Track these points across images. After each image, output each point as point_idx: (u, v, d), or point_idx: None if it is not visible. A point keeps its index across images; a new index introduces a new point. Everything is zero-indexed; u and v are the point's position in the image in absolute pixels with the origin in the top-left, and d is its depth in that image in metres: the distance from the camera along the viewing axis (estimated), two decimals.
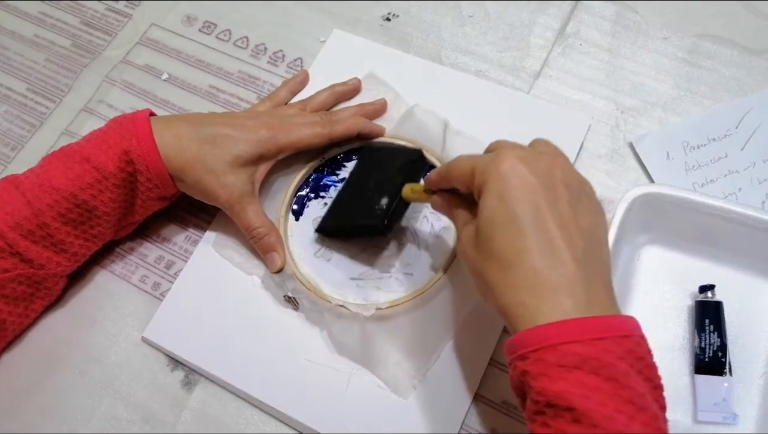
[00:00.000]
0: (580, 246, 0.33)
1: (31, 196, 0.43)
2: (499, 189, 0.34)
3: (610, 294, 0.34)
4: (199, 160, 0.45)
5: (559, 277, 0.32)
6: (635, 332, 0.33)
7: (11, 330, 0.47)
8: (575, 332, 0.31)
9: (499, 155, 0.35)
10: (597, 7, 0.58)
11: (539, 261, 0.33)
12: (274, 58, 0.59)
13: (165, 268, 0.50)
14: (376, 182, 0.45)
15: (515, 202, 0.34)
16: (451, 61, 0.57)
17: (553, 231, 0.33)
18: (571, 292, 0.32)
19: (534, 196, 0.34)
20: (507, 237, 0.34)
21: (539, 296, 0.32)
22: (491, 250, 0.35)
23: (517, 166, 0.35)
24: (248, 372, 0.45)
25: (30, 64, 0.60)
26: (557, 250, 0.33)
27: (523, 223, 0.33)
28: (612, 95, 0.54)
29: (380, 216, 0.44)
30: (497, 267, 0.34)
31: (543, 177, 0.35)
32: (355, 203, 0.47)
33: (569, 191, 0.35)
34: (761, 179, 0.50)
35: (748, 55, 0.55)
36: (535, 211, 0.34)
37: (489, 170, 0.35)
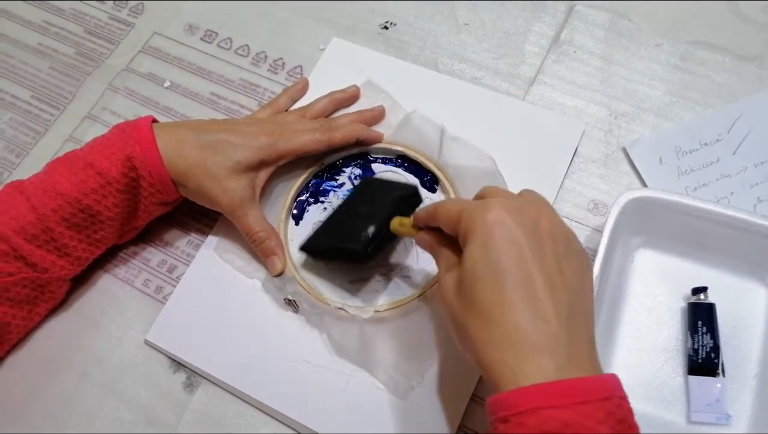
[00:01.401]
0: (564, 302, 0.33)
1: (36, 200, 0.44)
2: (485, 239, 0.34)
3: (593, 351, 0.33)
4: (201, 166, 0.46)
5: (541, 336, 0.32)
6: (616, 392, 0.32)
7: (15, 334, 0.47)
8: (557, 396, 0.30)
9: (486, 204, 0.35)
10: (591, 14, 0.59)
11: (522, 319, 0.32)
12: (274, 66, 0.60)
13: (167, 272, 0.51)
14: (367, 211, 0.45)
15: (500, 253, 0.33)
16: (448, 69, 0.58)
17: (538, 285, 0.33)
18: (553, 352, 0.31)
19: (519, 248, 0.33)
20: (490, 290, 0.33)
21: (521, 355, 0.31)
22: (473, 302, 0.34)
23: (504, 216, 0.34)
24: (249, 374, 0.46)
25: (34, 72, 0.61)
26: (541, 306, 0.32)
27: (507, 276, 0.33)
28: (605, 101, 0.55)
29: (364, 242, 0.43)
30: (479, 321, 0.33)
31: (529, 228, 0.34)
32: (342, 228, 0.47)
33: (555, 244, 0.34)
34: (753, 183, 0.50)
35: (739, 61, 0.56)
36: (520, 263, 0.33)
37: (475, 218, 0.35)
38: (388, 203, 0.45)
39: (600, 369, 0.33)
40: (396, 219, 0.44)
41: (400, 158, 0.53)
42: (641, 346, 0.46)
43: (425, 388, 0.44)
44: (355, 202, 0.49)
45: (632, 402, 0.43)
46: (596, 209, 0.51)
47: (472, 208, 0.35)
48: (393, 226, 0.44)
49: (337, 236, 0.47)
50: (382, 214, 0.44)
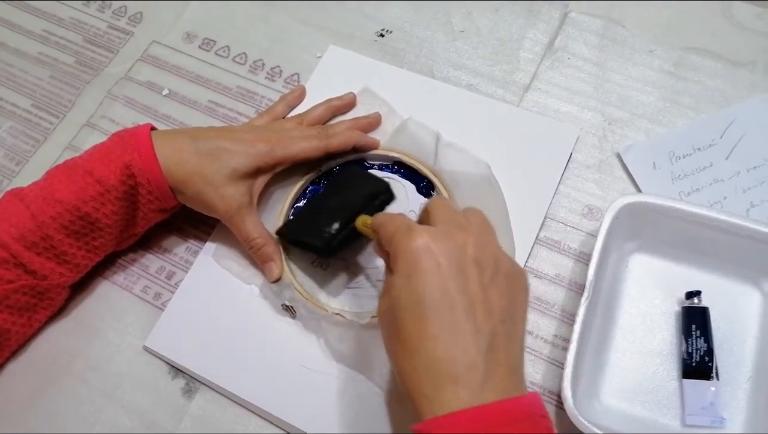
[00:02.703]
0: (485, 332, 0.33)
1: (35, 208, 0.45)
2: (408, 269, 0.34)
3: (513, 375, 0.34)
4: (199, 173, 0.46)
5: (458, 367, 0.32)
6: (534, 412, 0.32)
7: (15, 340, 0.47)
8: (470, 423, 0.31)
9: (412, 231, 0.35)
10: (584, 21, 0.60)
11: (440, 350, 0.32)
12: (271, 74, 0.60)
13: (166, 279, 0.52)
14: (337, 205, 0.46)
15: (423, 284, 0.33)
16: (443, 76, 0.58)
17: (459, 316, 0.33)
18: (468, 381, 0.32)
19: (442, 278, 0.33)
20: (412, 321, 0.33)
21: (438, 385, 0.32)
22: (397, 332, 0.34)
23: (429, 245, 0.34)
24: (247, 380, 0.46)
25: (34, 80, 0.62)
26: (460, 337, 0.33)
27: (428, 309, 0.33)
28: (600, 107, 0.56)
29: (327, 239, 0.44)
30: (402, 349, 0.34)
31: (454, 257, 0.34)
32: (312, 219, 0.47)
33: (481, 270, 0.34)
34: (745, 188, 0.51)
35: (731, 67, 0.56)
36: (442, 295, 0.33)
37: (401, 245, 0.35)
38: (358, 199, 0.45)
39: (522, 391, 0.34)
40: (360, 218, 0.43)
41: (396, 164, 0.54)
42: (636, 350, 0.46)
43: None
44: (330, 193, 0.49)
45: (627, 406, 0.44)
46: (591, 214, 0.52)
47: (401, 232, 0.35)
48: (357, 225, 0.44)
49: (305, 228, 0.47)
50: (349, 211, 0.44)
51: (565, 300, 0.49)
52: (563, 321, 0.48)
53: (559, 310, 0.48)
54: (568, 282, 0.49)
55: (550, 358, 0.47)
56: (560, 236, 0.51)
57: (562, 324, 0.48)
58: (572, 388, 0.41)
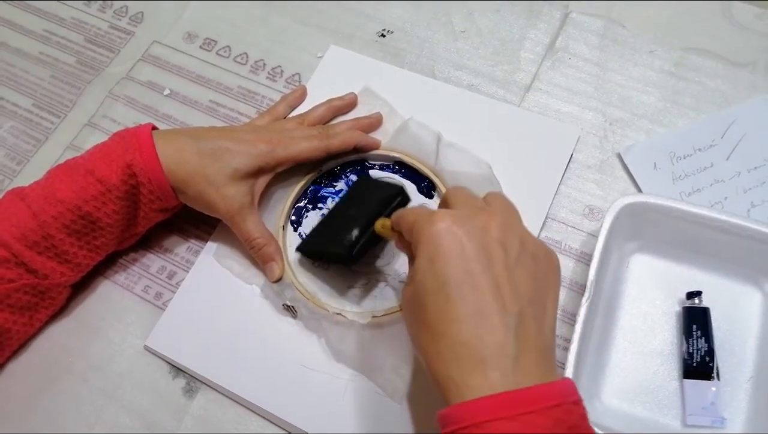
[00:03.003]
0: (512, 312, 0.32)
1: (37, 207, 0.45)
2: (431, 252, 0.33)
3: (544, 359, 0.33)
4: (200, 173, 0.47)
5: (486, 350, 0.31)
6: (567, 398, 0.31)
7: (16, 339, 0.47)
8: (501, 408, 0.30)
9: (434, 215, 0.34)
10: (585, 21, 0.60)
11: (467, 332, 0.32)
12: (272, 74, 0.60)
13: (167, 278, 0.52)
14: (354, 213, 0.46)
15: (446, 266, 0.33)
16: (444, 76, 0.58)
17: (485, 297, 0.32)
18: (498, 364, 0.31)
19: (465, 259, 0.33)
20: (437, 304, 0.33)
21: (466, 370, 0.31)
22: (423, 316, 0.34)
23: (451, 228, 0.34)
24: (248, 379, 0.46)
25: (35, 80, 0.62)
26: (487, 319, 0.32)
27: (452, 290, 0.32)
28: (600, 107, 0.56)
29: (348, 247, 0.44)
30: (428, 335, 0.33)
31: (477, 238, 0.33)
32: (330, 231, 0.47)
33: (506, 251, 0.34)
34: (746, 188, 0.51)
35: (732, 67, 0.56)
36: (466, 276, 0.33)
37: (423, 230, 0.34)
38: (374, 204, 0.45)
39: (553, 375, 0.33)
40: (379, 222, 0.44)
41: (397, 164, 0.54)
42: (637, 350, 0.46)
43: (423, 392, 0.45)
44: (346, 204, 0.49)
45: (628, 406, 0.44)
46: (592, 214, 0.52)
47: (423, 219, 0.35)
48: (376, 228, 0.44)
49: (325, 239, 0.48)
50: (367, 217, 0.45)
51: (566, 300, 0.49)
52: (564, 321, 0.48)
53: (560, 310, 0.48)
54: (569, 282, 0.49)
55: None
56: (561, 236, 0.51)
57: (563, 325, 0.48)
58: None
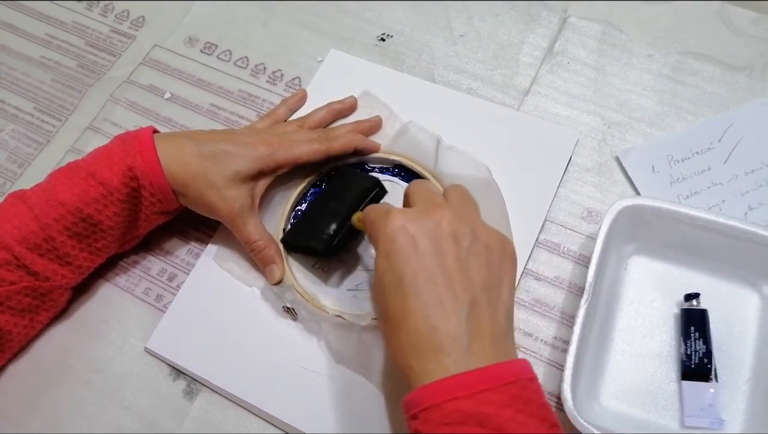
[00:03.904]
0: (464, 301, 0.34)
1: (38, 210, 0.45)
2: (387, 250, 0.36)
3: (499, 342, 0.35)
4: (201, 176, 0.47)
5: (440, 337, 0.33)
6: (522, 376, 0.33)
7: (17, 341, 0.48)
8: (456, 388, 0.32)
9: (388, 215, 0.37)
10: (584, 26, 0.60)
11: (422, 323, 0.34)
12: (273, 78, 0.61)
13: (167, 281, 0.52)
14: (333, 207, 0.47)
15: (400, 263, 0.35)
16: (444, 79, 0.59)
17: (437, 290, 0.34)
18: (452, 350, 0.33)
19: (418, 256, 0.35)
20: (395, 299, 0.35)
21: (423, 357, 0.34)
22: (384, 311, 0.36)
23: (404, 226, 0.36)
24: (248, 381, 0.46)
25: (37, 84, 0.62)
26: (440, 310, 0.34)
27: (407, 286, 0.35)
28: (599, 111, 0.56)
29: (326, 240, 0.45)
30: (389, 327, 0.36)
31: (429, 234, 0.36)
32: (311, 225, 0.48)
33: (457, 244, 0.36)
34: (744, 191, 0.51)
35: (729, 71, 0.57)
36: (420, 271, 0.35)
37: (379, 230, 0.37)
38: (351, 198, 0.47)
39: (509, 355, 0.35)
40: (356, 215, 0.45)
41: (396, 167, 0.54)
42: (635, 352, 0.46)
43: None
44: (326, 197, 0.50)
45: (626, 407, 0.44)
46: (590, 217, 0.52)
47: (380, 219, 0.37)
48: (353, 222, 0.45)
49: (305, 234, 0.49)
50: (344, 211, 0.46)
51: (565, 302, 0.49)
52: (563, 323, 0.48)
53: (559, 312, 0.48)
54: (568, 284, 0.49)
55: (550, 360, 0.47)
56: (560, 239, 0.51)
57: (562, 327, 0.48)
58: (572, 390, 0.41)
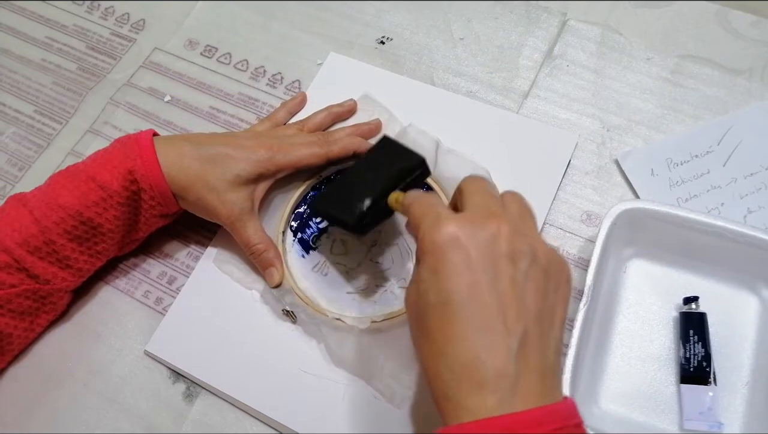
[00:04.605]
0: (516, 333, 0.31)
1: (38, 213, 0.45)
2: (435, 263, 0.32)
3: (546, 380, 0.32)
4: (201, 179, 0.47)
5: (485, 371, 0.30)
6: (568, 421, 0.30)
7: (17, 344, 0.48)
8: (497, 432, 0.29)
9: (439, 220, 0.32)
10: (583, 29, 0.60)
11: (467, 352, 0.31)
12: (272, 81, 0.61)
13: (167, 284, 0.52)
14: (371, 178, 0.44)
15: (449, 281, 0.31)
16: (443, 82, 0.59)
17: (488, 316, 0.31)
18: (497, 387, 0.30)
19: (471, 273, 0.31)
20: (439, 320, 0.32)
21: (464, 390, 0.30)
22: (424, 328, 0.33)
23: (457, 237, 0.32)
24: (248, 384, 0.46)
25: (37, 87, 0.62)
26: (488, 339, 0.31)
27: (455, 308, 0.31)
28: (598, 114, 0.56)
29: (357, 217, 0.42)
30: (428, 349, 0.32)
31: (485, 249, 0.32)
32: (345, 193, 0.45)
33: (514, 264, 0.32)
34: (743, 194, 0.51)
35: (728, 74, 0.57)
36: (471, 291, 0.31)
37: (426, 237, 0.33)
38: (391, 174, 0.43)
39: (556, 396, 0.32)
40: (393, 195, 0.42)
41: None
42: (634, 355, 0.46)
43: (421, 397, 0.45)
44: (365, 165, 0.47)
45: (625, 411, 0.44)
46: (589, 220, 0.52)
47: (429, 222, 0.33)
48: (390, 202, 0.42)
49: (336, 202, 0.46)
50: (381, 186, 0.42)
51: None
52: None
53: None
54: None
55: None
56: (559, 242, 0.51)
57: None
58: (571, 393, 0.41)
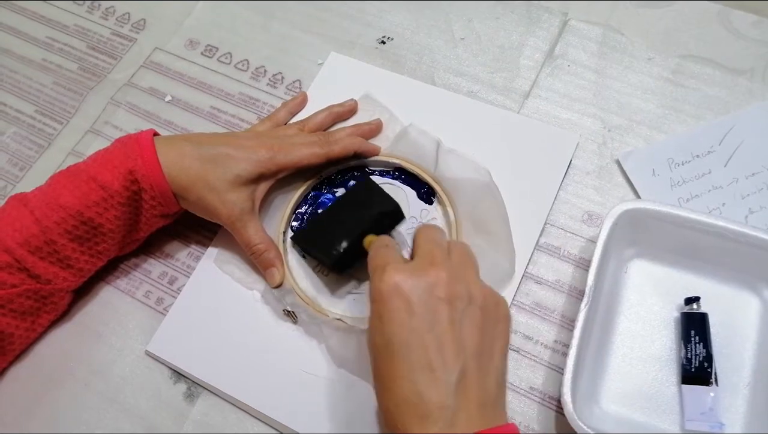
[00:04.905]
0: (455, 368, 0.34)
1: (39, 213, 0.45)
2: (379, 310, 0.35)
3: (488, 409, 0.34)
4: (202, 179, 0.47)
5: (427, 405, 0.33)
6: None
7: (18, 344, 0.48)
8: None
9: (385, 272, 0.36)
10: (584, 29, 0.60)
11: (409, 389, 0.34)
12: (273, 81, 0.61)
13: (168, 284, 0.52)
14: (349, 220, 0.47)
15: (391, 326, 0.35)
16: (444, 82, 0.59)
17: (427, 356, 0.34)
18: (438, 419, 0.33)
19: (410, 318, 0.34)
20: (383, 361, 0.35)
21: (408, 423, 0.33)
22: (374, 369, 0.36)
23: (399, 287, 0.35)
24: (248, 385, 0.46)
25: (38, 87, 0.63)
26: (429, 376, 0.33)
27: (396, 349, 0.34)
28: (599, 114, 0.56)
29: (334, 256, 0.45)
30: (378, 386, 0.36)
31: (424, 295, 0.35)
32: (325, 231, 0.48)
33: (452, 307, 0.35)
34: (744, 194, 0.51)
35: (729, 74, 0.57)
36: (410, 336, 0.34)
37: (373, 286, 0.36)
38: (367, 219, 0.46)
39: (498, 422, 0.34)
40: (367, 238, 0.45)
41: (397, 170, 0.54)
42: (635, 355, 0.46)
43: None
44: (346, 204, 0.49)
45: (626, 411, 0.44)
46: (590, 220, 0.52)
47: (377, 273, 0.36)
48: (365, 244, 0.45)
49: (315, 238, 0.49)
50: (358, 229, 0.46)
51: (565, 305, 0.49)
52: (563, 326, 0.48)
53: (559, 316, 0.48)
54: (568, 287, 0.49)
55: (551, 364, 0.47)
56: (560, 242, 0.51)
57: (562, 330, 0.48)
58: (572, 393, 0.41)
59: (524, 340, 0.48)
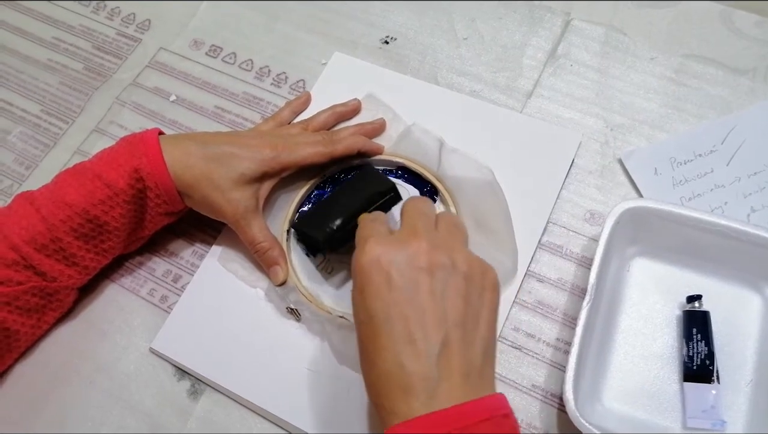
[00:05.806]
0: (436, 340, 0.33)
1: (45, 211, 0.45)
2: (360, 284, 0.35)
3: (472, 379, 0.34)
4: (206, 178, 0.47)
5: (409, 377, 0.33)
6: (496, 412, 0.32)
7: (24, 341, 0.48)
8: (424, 430, 0.31)
9: (365, 244, 0.35)
10: (586, 29, 0.60)
11: (391, 362, 0.33)
12: (277, 80, 0.61)
13: (172, 282, 0.52)
14: (345, 202, 0.47)
15: (372, 300, 0.34)
16: (447, 82, 0.59)
17: (408, 328, 0.33)
18: (421, 391, 0.32)
19: (391, 292, 0.34)
20: (366, 335, 0.35)
21: (392, 397, 0.33)
22: (359, 343, 0.36)
23: (378, 260, 0.35)
24: (252, 382, 0.47)
25: (44, 86, 0.63)
26: (410, 348, 0.33)
27: (378, 323, 0.34)
28: (602, 113, 0.56)
29: (327, 233, 0.45)
30: (362, 361, 0.35)
31: (404, 268, 0.34)
32: (320, 215, 0.48)
33: (432, 277, 0.34)
34: (746, 193, 0.51)
35: (732, 74, 0.57)
36: (391, 308, 0.34)
37: (355, 260, 0.36)
38: (363, 198, 0.46)
39: (484, 393, 0.34)
40: (361, 217, 0.44)
41: (400, 170, 0.54)
42: (637, 353, 0.46)
43: None
44: (343, 191, 0.50)
45: (628, 409, 0.44)
46: (593, 219, 0.52)
47: (358, 246, 0.36)
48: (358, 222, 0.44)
49: (311, 222, 0.49)
50: (352, 209, 0.46)
51: (567, 303, 0.49)
52: (565, 324, 0.48)
53: (561, 314, 0.49)
54: (571, 286, 0.50)
55: (553, 361, 0.47)
56: (562, 240, 0.51)
57: (565, 328, 0.48)
58: (574, 391, 0.41)
59: (527, 338, 0.48)
